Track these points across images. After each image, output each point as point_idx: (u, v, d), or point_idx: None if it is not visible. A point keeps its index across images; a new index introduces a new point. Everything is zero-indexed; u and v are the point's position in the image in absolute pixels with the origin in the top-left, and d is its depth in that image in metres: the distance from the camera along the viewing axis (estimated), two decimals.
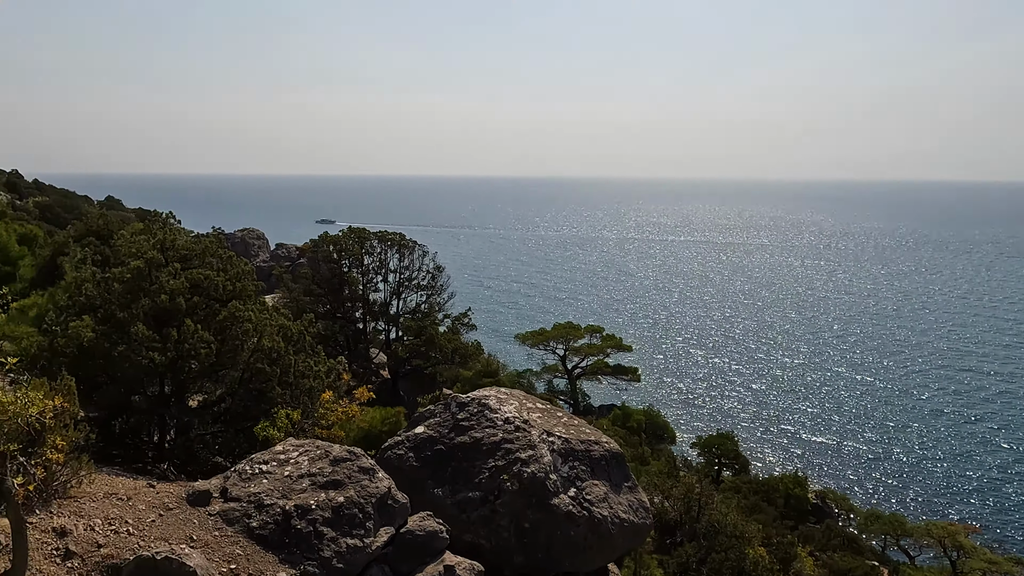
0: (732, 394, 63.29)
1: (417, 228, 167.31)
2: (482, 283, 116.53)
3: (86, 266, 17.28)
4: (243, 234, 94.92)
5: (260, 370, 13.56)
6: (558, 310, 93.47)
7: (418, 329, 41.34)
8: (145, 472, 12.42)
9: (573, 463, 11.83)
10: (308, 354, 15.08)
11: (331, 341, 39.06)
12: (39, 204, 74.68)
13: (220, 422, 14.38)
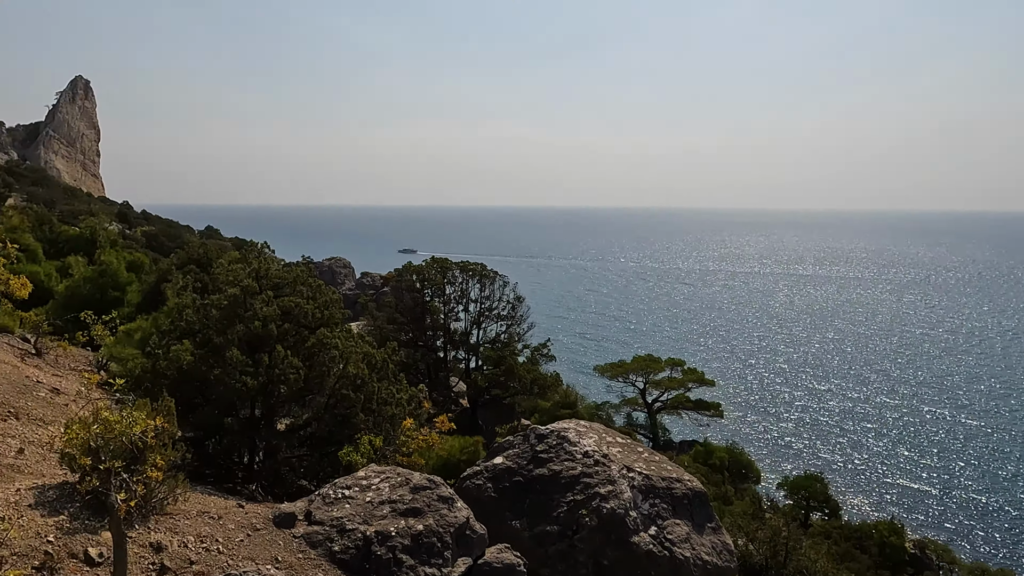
0: (822, 434, 60.53)
1: (497, 258, 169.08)
2: (561, 314, 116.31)
3: (187, 292, 18.25)
4: (330, 263, 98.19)
5: (345, 396, 13.90)
6: (637, 342, 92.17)
7: (498, 359, 41.55)
8: (235, 492, 12.86)
9: (654, 500, 11.55)
10: (391, 381, 15.37)
11: (413, 369, 39.71)
12: (146, 233, 79.68)
13: (306, 446, 14.78)
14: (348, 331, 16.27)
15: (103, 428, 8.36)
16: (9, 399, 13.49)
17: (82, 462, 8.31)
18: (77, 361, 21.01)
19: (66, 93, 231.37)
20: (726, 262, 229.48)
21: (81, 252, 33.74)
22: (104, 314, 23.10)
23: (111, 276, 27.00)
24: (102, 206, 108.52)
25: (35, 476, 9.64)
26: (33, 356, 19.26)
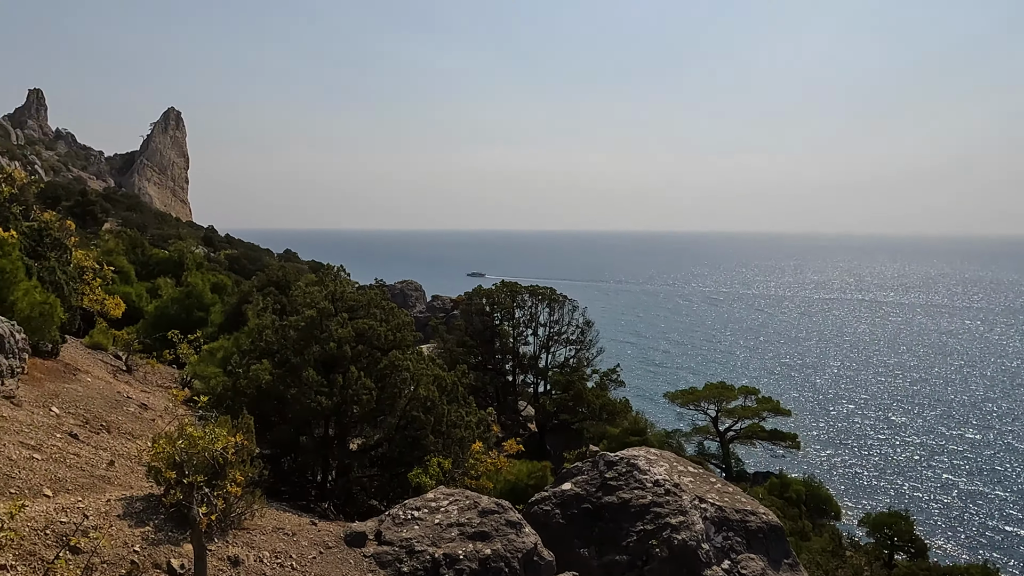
0: (907, 470, 57.54)
1: (566, 282, 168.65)
2: (630, 339, 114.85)
3: (266, 314, 18.92)
4: (402, 286, 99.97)
5: (415, 418, 14.09)
6: (708, 369, 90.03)
7: (566, 383, 41.31)
8: (308, 509, 13.16)
9: (727, 533, 11.21)
10: (460, 404, 15.49)
11: (481, 392, 39.88)
12: (228, 256, 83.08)
13: (377, 466, 15.01)
14: (419, 353, 16.53)
15: (187, 443, 8.71)
16: (102, 413, 14.22)
17: (167, 475, 8.67)
18: (164, 378, 22.00)
19: (159, 124, 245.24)
20: (802, 288, 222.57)
21: (170, 274, 35.49)
22: (189, 333, 24.18)
23: (196, 297, 28.25)
24: (189, 230, 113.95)
25: (124, 487, 10.11)
26: (124, 372, 20.27)
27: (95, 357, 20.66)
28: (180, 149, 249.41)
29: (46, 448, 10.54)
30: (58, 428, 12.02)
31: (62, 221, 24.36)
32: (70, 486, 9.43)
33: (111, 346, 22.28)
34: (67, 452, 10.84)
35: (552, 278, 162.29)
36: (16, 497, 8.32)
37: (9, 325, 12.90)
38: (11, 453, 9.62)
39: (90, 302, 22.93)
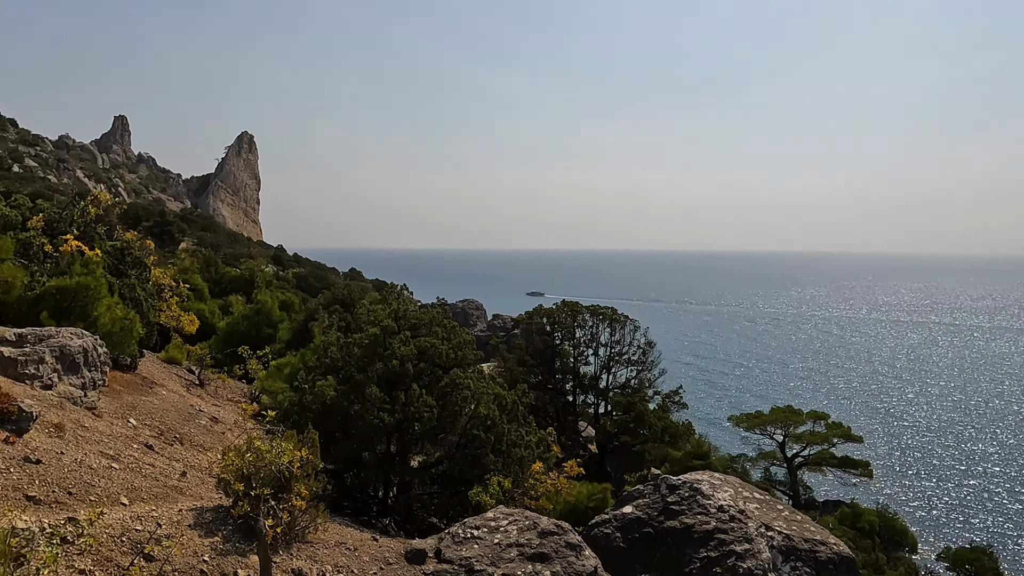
0: (990, 503, 54.51)
1: (627, 302, 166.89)
2: (692, 361, 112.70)
3: (332, 331, 19.34)
4: (463, 304, 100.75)
5: (476, 436, 14.13)
6: (773, 393, 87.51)
7: (627, 405, 40.78)
8: (369, 525, 13.31)
9: (795, 563, 10.83)
10: (520, 423, 15.47)
11: (542, 412, 39.73)
12: (296, 274, 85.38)
13: (437, 483, 15.10)
14: (480, 372, 16.60)
15: (255, 457, 8.95)
16: (175, 426, 14.76)
17: (236, 487, 8.92)
18: (234, 392, 22.70)
19: (233, 147, 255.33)
20: (874, 309, 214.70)
21: (241, 292, 36.71)
22: (258, 349, 24.92)
23: (265, 314, 29.13)
24: (260, 249, 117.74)
25: (195, 498, 10.44)
26: (197, 386, 21.01)
27: (170, 371, 21.49)
28: (252, 171, 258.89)
29: (124, 458, 10.98)
30: (135, 439, 12.52)
31: (142, 241, 25.53)
32: (145, 495, 9.79)
33: (185, 360, 23.14)
34: (143, 462, 11.27)
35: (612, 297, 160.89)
36: (95, 504, 8.69)
37: (92, 339, 13.54)
38: (92, 462, 10.06)
39: (167, 318, 23.92)
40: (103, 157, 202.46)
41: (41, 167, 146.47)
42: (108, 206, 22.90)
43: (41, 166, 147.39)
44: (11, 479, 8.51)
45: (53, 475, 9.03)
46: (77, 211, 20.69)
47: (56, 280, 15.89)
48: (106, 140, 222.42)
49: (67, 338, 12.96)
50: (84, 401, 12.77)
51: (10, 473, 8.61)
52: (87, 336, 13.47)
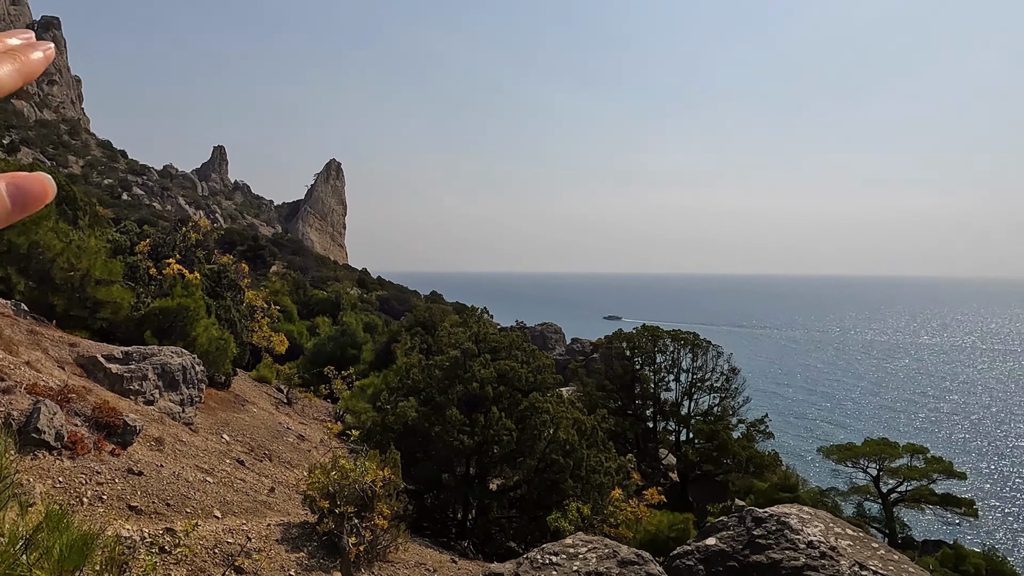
0: None
1: (709, 327, 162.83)
2: (778, 389, 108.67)
3: (413, 353, 19.71)
4: (542, 328, 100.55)
5: (554, 461, 14.05)
6: (867, 425, 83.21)
7: (710, 433, 39.68)
8: (448, 547, 13.38)
9: None
10: (600, 449, 15.29)
11: (621, 438, 39.14)
12: (379, 297, 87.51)
13: (516, 507, 15.06)
14: (559, 396, 16.54)
15: (340, 475, 9.19)
16: (265, 443, 15.31)
17: (321, 504, 9.17)
18: (319, 411, 23.37)
19: (322, 174, 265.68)
20: (981, 338, 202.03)
21: (327, 313, 37.93)
22: (343, 370, 25.64)
23: (350, 336, 29.96)
24: (345, 273, 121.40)
25: (282, 513, 10.77)
26: (285, 405, 21.75)
27: (260, 389, 22.34)
28: (339, 197, 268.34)
29: (217, 472, 11.46)
30: (228, 454, 13.06)
31: (237, 264, 26.78)
32: (236, 509, 10.18)
33: (274, 379, 24.01)
34: (235, 477, 11.73)
35: (691, 322, 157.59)
36: (191, 516, 9.09)
37: (191, 358, 14.26)
38: (188, 475, 10.54)
39: (258, 338, 24.93)
40: (203, 185, 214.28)
41: (147, 195, 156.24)
42: (207, 231, 24.17)
43: (147, 194, 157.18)
44: (116, 489, 9.01)
45: (153, 487, 9.52)
46: (179, 236, 21.92)
47: (159, 301, 16.85)
48: (206, 169, 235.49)
49: (168, 356, 13.69)
50: (182, 416, 13.43)
51: (115, 484, 9.12)
52: (186, 355, 14.19)
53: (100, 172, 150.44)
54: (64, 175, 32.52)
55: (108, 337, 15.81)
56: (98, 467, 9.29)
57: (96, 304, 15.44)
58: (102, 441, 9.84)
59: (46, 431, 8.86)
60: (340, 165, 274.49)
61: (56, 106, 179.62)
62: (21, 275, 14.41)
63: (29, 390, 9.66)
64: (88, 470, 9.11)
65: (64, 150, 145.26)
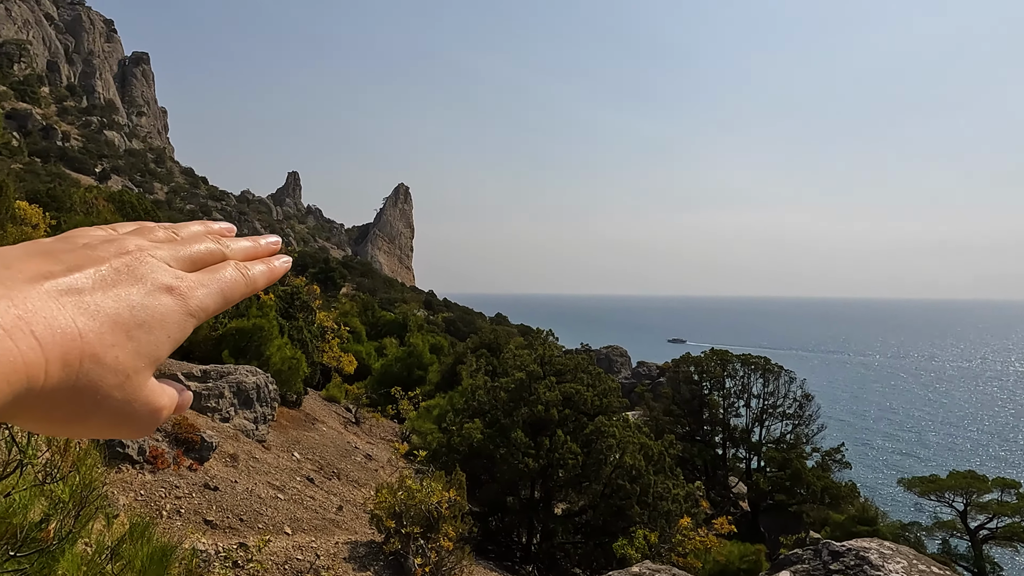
0: None
1: (780, 352, 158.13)
2: (854, 417, 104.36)
3: (479, 375, 19.82)
4: (607, 351, 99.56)
5: (620, 487, 13.83)
6: (951, 457, 78.94)
7: (782, 461, 38.39)
8: (513, 571, 13.30)
9: None
10: (667, 475, 14.98)
11: (689, 464, 38.28)
12: (445, 319, 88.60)
13: (581, 533, 14.87)
14: (625, 420, 16.31)
15: (406, 495, 9.27)
16: (334, 461, 15.59)
17: (387, 524, 9.25)
18: (386, 431, 23.69)
19: (390, 198, 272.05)
20: None
21: (394, 335, 38.55)
22: (410, 390, 25.94)
23: (417, 357, 30.32)
24: (412, 294, 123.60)
25: (349, 532, 10.92)
26: (353, 424, 22.13)
27: (330, 408, 22.81)
28: (407, 220, 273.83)
29: (288, 489, 11.73)
30: (298, 472, 13.35)
31: (309, 286, 27.54)
32: (306, 526, 10.38)
33: (343, 399, 24.49)
34: (304, 494, 11.97)
35: (760, 346, 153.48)
36: (263, 532, 9.31)
37: (264, 376, 14.69)
38: (260, 492, 10.82)
39: (328, 358, 25.51)
40: (277, 209, 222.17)
41: (226, 219, 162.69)
42: None
43: (226, 218, 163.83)
44: (193, 503, 9.32)
45: (228, 502, 9.80)
46: None
47: (236, 322, 17.46)
48: (280, 194, 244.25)
49: (243, 375, 14.14)
50: (255, 434, 13.82)
51: (192, 498, 9.44)
52: (260, 374, 14.63)
53: (183, 198, 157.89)
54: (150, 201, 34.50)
55: (188, 355, 16.46)
56: (177, 481, 9.63)
57: None
58: (181, 456, 10.22)
59: (130, 445, 9.26)
60: (408, 189, 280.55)
61: (144, 136, 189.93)
62: None
63: None
64: (168, 484, 9.46)
65: (151, 177, 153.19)
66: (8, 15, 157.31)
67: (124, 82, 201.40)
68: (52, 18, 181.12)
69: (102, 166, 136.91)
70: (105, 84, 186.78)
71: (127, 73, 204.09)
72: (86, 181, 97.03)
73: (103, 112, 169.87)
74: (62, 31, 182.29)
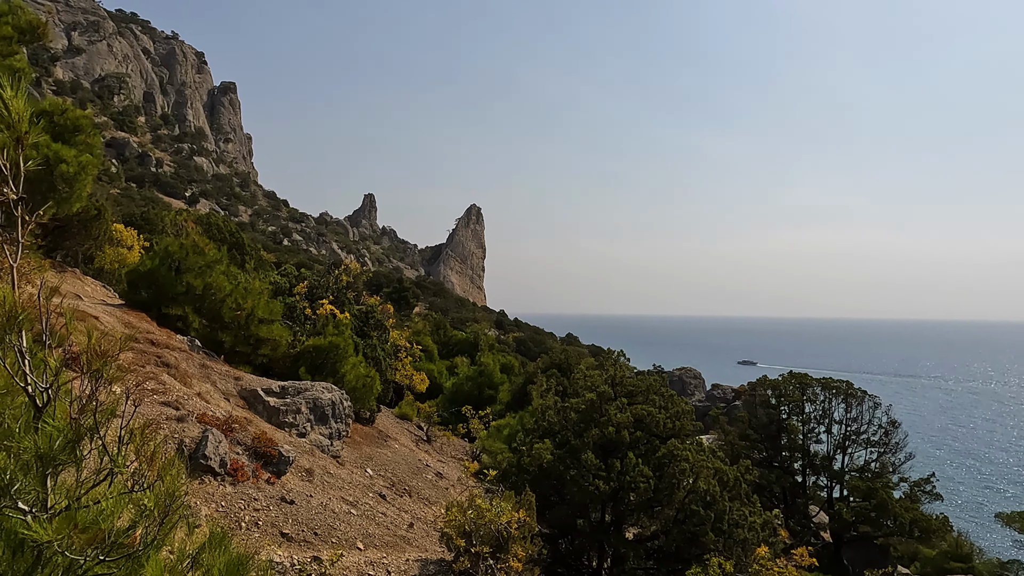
0: None
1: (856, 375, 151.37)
2: (947, 445, 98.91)
3: (549, 395, 19.74)
4: (681, 373, 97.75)
5: (694, 512, 13.46)
6: None
7: (867, 491, 36.60)
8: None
9: None
10: (743, 502, 14.50)
11: (767, 491, 36.96)
12: (516, 339, 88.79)
13: (653, 559, 14.53)
14: (699, 444, 15.92)
15: (476, 514, 9.27)
16: (405, 478, 15.77)
17: (457, 543, 9.27)
18: (457, 450, 23.84)
19: (463, 219, 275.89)
20: None
21: (465, 354, 38.88)
22: (480, 409, 26.06)
23: (487, 376, 30.48)
24: (484, 314, 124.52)
25: (420, 549, 10.99)
26: (424, 442, 22.37)
27: (402, 426, 23.14)
28: (479, 240, 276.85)
29: (360, 505, 11.91)
30: (370, 488, 13.55)
31: (383, 305, 28.15)
32: (377, 542, 10.50)
33: (415, 417, 24.81)
34: (376, 511, 12.14)
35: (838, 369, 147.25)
36: (336, 547, 9.48)
37: (339, 393, 15.03)
38: (334, 507, 11.02)
39: (401, 376, 25.93)
40: (354, 231, 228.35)
41: (305, 240, 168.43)
42: (356, 274, 25.64)
43: (305, 240, 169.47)
44: (270, 516, 9.57)
45: (303, 516, 10.03)
46: (332, 279, 23.40)
47: (313, 339, 17.96)
48: (357, 216, 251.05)
49: (319, 392, 14.51)
50: (330, 449, 14.12)
51: (269, 511, 9.70)
52: (335, 390, 14.98)
53: (265, 220, 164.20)
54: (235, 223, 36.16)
55: (267, 372, 17.01)
56: (255, 494, 9.92)
57: (258, 341, 16.70)
58: (259, 469, 10.53)
59: (212, 458, 9.60)
60: (480, 210, 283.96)
61: (230, 161, 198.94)
62: (196, 314, 15.88)
63: (199, 419, 10.54)
64: (246, 496, 9.76)
65: (236, 201, 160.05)
66: (110, 51, 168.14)
67: (213, 110, 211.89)
68: (149, 52, 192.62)
69: (191, 190, 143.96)
70: (195, 113, 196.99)
71: (216, 102, 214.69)
72: (177, 204, 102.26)
73: (193, 139, 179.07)
74: (157, 64, 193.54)
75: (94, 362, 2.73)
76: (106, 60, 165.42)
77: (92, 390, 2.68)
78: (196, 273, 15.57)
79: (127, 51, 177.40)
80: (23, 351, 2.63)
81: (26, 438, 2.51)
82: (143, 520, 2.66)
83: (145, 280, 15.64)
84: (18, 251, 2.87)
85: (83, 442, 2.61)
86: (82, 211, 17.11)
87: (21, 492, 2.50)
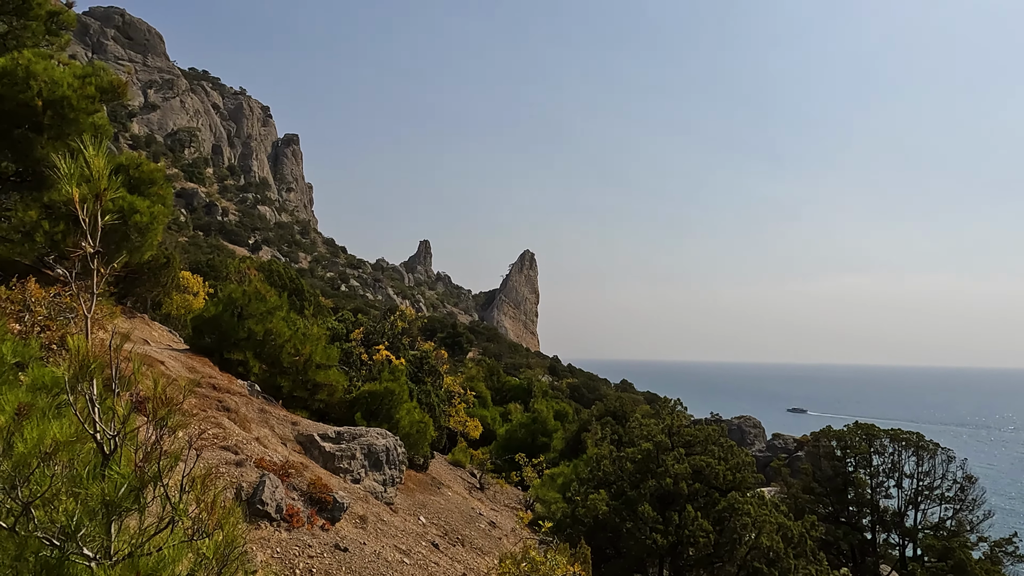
0: None
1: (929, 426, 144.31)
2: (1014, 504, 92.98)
3: (604, 443, 19.39)
4: (740, 422, 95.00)
5: (757, 570, 12.91)
6: None
7: (943, 550, 34.56)
8: None
9: None
10: (809, 560, 13.84)
11: (834, 548, 35.27)
12: (570, 385, 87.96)
13: None
14: (760, 497, 15.34)
15: (530, 567, 9.07)
16: (458, 527, 15.59)
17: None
18: (510, 498, 23.51)
19: (516, 265, 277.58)
20: None
21: (519, 400, 38.67)
22: (533, 457, 25.75)
23: (541, 423, 30.18)
24: (537, 360, 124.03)
25: None
26: (477, 490, 22.14)
27: (455, 473, 22.99)
28: (532, 286, 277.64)
29: (413, 554, 11.79)
30: (423, 536, 13.43)
31: (437, 351, 28.30)
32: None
33: (468, 464, 24.63)
34: (429, 560, 11.99)
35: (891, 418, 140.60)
36: None
37: (394, 439, 15.06)
38: (387, 555, 10.94)
39: (455, 423, 25.89)
40: (409, 276, 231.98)
41: (362, 286, 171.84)
42: (411, 320, 25.93)
43: (361, 285, 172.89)
44: (323, 563, 9.55)
45: (356, 564, 9.97)
46: (387, 324, 23.70)
47: (369, 385, 18.13)
48: (412, 262, 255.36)
49: (374, 437, 14.56)
50: (384, 496, 14.10)
51: (323, 558, 9.68)
52: (389, 436, 15.02)
53: (324, 266, 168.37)
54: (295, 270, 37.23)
55: (324, 417, 17.20)
56: (310, 540, 9.93)
57: (315, 386, 16.95)
58: (314, 515, 10.55)
59: (269, 503, 9.67)
60: (533, 255, 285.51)
61: (292, 210, 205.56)
62: (257, 359, 16.24)
63: (257, 464, 10.67)
64: (301, 543, 9.77)
65: (296, 248, 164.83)
66: (182, 106, 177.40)
67: (276, 161, 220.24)
68: (218, 107, 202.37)
69: (255, 238, 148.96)
70: (260, 163, 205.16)
71: (279, 153, 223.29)
72: (240, 252, 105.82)
73: (257, 189, 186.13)
74: (226, 118, 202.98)
75: (159, 410, 2.79)
76: (179, 115, 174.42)
77: (157, 437, 2.73)
78: (257, 319, 15.97)
79: (198, 106, 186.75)
80: (93, 399, 2.71)
81: (93, 485, 2.57)
82: (202, 568, 2.67)
83: (209, 325, 16.12)
84: (92, 301, 2.99)
85: (147, 489, 2.66)
86: (152, 259, 17.84)
87: (86, 538, 2.55)
